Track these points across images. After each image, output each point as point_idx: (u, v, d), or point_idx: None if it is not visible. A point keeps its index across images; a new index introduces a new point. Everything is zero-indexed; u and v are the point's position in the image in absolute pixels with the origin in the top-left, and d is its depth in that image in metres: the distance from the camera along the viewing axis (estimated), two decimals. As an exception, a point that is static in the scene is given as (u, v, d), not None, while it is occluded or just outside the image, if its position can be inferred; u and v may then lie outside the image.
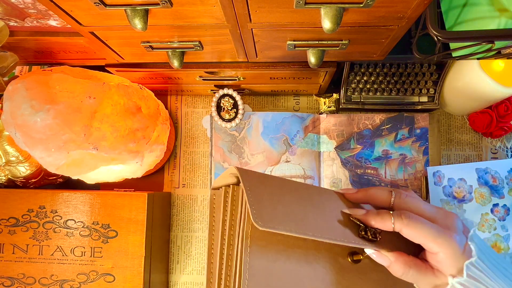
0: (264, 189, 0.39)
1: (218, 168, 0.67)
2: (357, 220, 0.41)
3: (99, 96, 0.50)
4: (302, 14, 0.38)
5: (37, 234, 0.58)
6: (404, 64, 0.61)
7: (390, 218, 0.39)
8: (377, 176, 0.66)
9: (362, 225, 0.41)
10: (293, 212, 0.39)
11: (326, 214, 0.41)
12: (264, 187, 0.39)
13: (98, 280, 0.57)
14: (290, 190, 0.41)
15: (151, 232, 0.59)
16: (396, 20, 0.39)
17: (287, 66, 0.55)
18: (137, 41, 0.46)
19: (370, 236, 0.41)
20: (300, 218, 0.39)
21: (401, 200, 0.41)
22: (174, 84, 0.65)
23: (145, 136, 0.56)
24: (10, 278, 0.58)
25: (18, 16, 0.44)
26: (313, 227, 0.39)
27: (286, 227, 0.37)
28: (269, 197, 0.39)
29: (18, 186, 0.62)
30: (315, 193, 0.43)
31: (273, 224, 0.37)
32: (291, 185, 0.42)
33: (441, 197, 0.63)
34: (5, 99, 0.47)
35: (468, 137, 0.69)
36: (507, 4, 0.46)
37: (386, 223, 0.39)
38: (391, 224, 0.39)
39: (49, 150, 0.47)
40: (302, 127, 0.67)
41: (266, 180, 0.41)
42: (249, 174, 0.40)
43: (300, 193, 0.42)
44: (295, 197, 0.41)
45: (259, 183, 0.39)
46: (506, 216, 0.62)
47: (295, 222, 0.38)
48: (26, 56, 0.55)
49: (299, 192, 0.42)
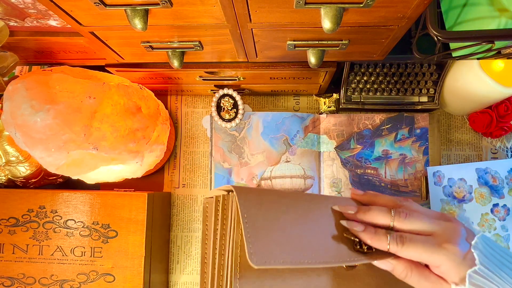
0: (260, 211, 0.40)
1: (218, 168, 0.67)
2: (352, 236, 0.42)
3: (99, 96, 0.50)
4: (302, 14, 0.38)
5: (37, 234, 0.58)
6: (404, 64, 0.61)
7: (386, 240, 0.40)
8: (377, 176, 0.66)
9: (357, 240, 0.42)
10: (288, 239, 0.40)
11: (321, 231, 0.42)
12: (260, 208, 0.40)
13: (98, 280, 0.57)
14: (286, 208, 0.41)
15: (151, 232, 0.59)
16: (396, 20, 0.39)
17: (287, 66, 0.55)
18: (137, 41, 0.46)
19: (365, 249, 0.42)
20: (295, 244, 0.40)
21: (400, 222, 0.41)
22: (174, 84, 0.65)
23: (145, 136, 0.56)
24: (10, 278, 0.58)
25: (18, 16, 0.44)
26: (308, 251, 0.40)
27: (281, 260, 0.38)
28: (264, 222, 0.39)
29: (18, 186, 0.62)
30: (311, 206, 0.43)
31: (268, 260, 0.37)
32: (287, 201, 0.42)
33: (441, 197, 0.63)
34: (5, 99, 0.47)
35: (468, 137, 0.69)
36: (507, 4, 0.46)
37: (382, 244, 0.40)
38: (386, 245, 0.40)
39: (49, 150, 0.47)
40: (302, 127, 0.67)
41: (262, 199, 0.41)
42: (247, 194, 0.40)
43: (296, 210, 0.42)
44: (291, 215, 0.41)
45: (256, 204, 0.40)
46: (506, 216, 0.62)
47: (290, 251, 0.39)
48: (26, 56, 0.55)
49: (295, 209, 0.42)
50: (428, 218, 0.41)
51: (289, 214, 0.41)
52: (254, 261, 0.36)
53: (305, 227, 0.41)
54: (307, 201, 0.44)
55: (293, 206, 0.42)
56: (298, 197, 0.44)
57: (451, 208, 0.63)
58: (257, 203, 0.40)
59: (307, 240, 0.40)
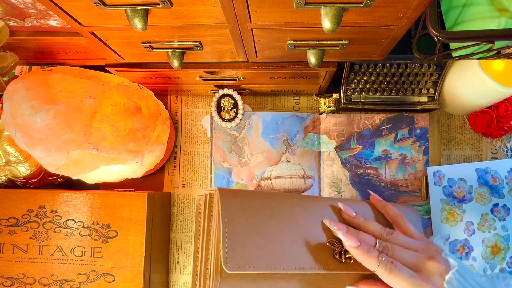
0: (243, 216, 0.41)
1: (218, 168, 0.67)
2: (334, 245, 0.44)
3: (99, 96, 0.50)
4: (302, 14, 0.38)
5: (37, 234, 0.58)
6: (404, 64, 0.61)
7: (377, 263, 0.42)
8: (377, 176, 0.66)
9: (337, 249, 0.43)
10: (269, 244, 0.41)
11: (305, 236, 0.43)
12: (243, 213, 0.41)
13: (98, 280, 0.57)
14: (271, 213, 0.42)
15: (151, 232, 0.59)
16: (396, 20, 0.39)
17: (287, 66, 0.55)
18: (137, 41, 0.46)
19: (343, 259, 0.44)
20: (275, 250, 0.41)
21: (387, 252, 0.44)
22: (174, 84, 0.65)
23: (145, 136, 0.56)
24: (10, 278, 0.58)
25: (18, 16, 0.44)
26: (287, 257, 0.41)
27: (257, 266, 0.39)
28: (246, 227, 0.40)
29: (18, 186, 0.62)
30: (300, 211, 0.44)
31: (243, 265, 0.39)
32: (275, 205, 0.43)
33: (441, 197, 0.63)
34: (5, 99, 0.47)
35: (468, 137, 0.69)
36: (507, 4, 0.46)
37: (371, 265, 0.42)
38: (375, 267, 0.42)
39: (49, 150, 0.47)
40: (302, 127, 0.67)
41: (247, 203, 0.42)
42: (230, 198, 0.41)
43: (282, 215, 0.43)
44: (275, 220, 0.42)
45: (239, 209, 0.41)
46: (506, 216, 0.62)
47: (269, 255, 0.40)
48: (26, 56, 0.55)
49: (281, 213, 0.43)
50: (410, 255, 0.43)
51: (273, 219, 0.42)
52: (228, 266, 0.38)
53: (289, 232, 0.42)
54: (297, 205, 0.45)
55: (279, 210, 0.43)
56: (287, 201, 0.45)
57: (451, 208, 0.63)
58: (241, 207, 0.41)
59: (289, 245, 0.42)
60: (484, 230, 0.62)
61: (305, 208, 0.45)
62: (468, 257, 0.62)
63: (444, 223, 0.63)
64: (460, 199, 0.63)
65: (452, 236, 0.63)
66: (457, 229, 0.63)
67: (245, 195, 0.43)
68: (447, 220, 0.63)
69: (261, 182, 0.66)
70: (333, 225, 0.45)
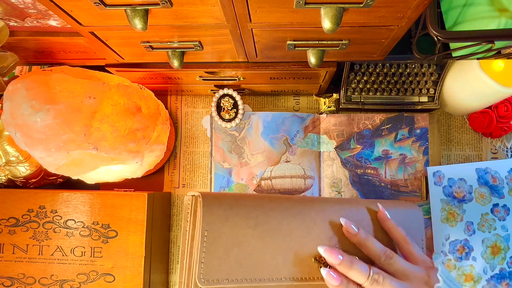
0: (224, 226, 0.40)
1: (218, 168, 0.67)
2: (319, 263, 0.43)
3: (99, 96, 0.50)
4: (302, 14, 0.38)
5: (37, 234, 0.58)
6: (404, 64, 0.61)
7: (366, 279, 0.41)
8: (377, 176, 0.66)
9: (321, 264, 0.42)
10: (249, 255, 0.40)
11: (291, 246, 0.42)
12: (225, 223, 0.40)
13: (98, 280, 0.57)
14: (255, 223, 0.42)
15: (151, 232, 0.59)
16: (396, 20, 0.39)
17: (287, 66, 0.55)
18: (137, 41, 0.46)
19: None
20: (253, 261, 0.40)
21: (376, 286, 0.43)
22: (174, 84, 0.65)
23: (145, 136, 0.56)
24: (10, 278, 0.58)
25: (18, 16, 0.44)
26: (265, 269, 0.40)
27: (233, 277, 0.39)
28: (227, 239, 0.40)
29: (18, 186, 0.62)
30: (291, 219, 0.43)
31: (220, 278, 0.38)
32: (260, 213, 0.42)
33: (441, 197, 0.63)
34: (5, 99, 0.47)
35: (468, 137, 0.69)
36: (507, 4, 0.46)
37: None
38: None
39: (49, 150, 0.47)
40: (302, 127, 0.67)
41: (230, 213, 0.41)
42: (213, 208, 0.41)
43: (267, 224, 0.42)
44: (259, 231, 0.41)
45: (222, 219, 0.40)
46: (506, 216, 0.62)
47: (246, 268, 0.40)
48: (26, 56, 0.55)
49: (267, 221, 0.42)
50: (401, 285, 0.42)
51: (257, 229, 0.41)
52: (202, 282, 0.38)
53: (271, 242, 0.42)
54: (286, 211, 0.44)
55: (266, 218, 0.42)
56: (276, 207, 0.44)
57: (451, 208, 0.63)
58: (224, 217, 0.40)
59: (269, 257, 0.41)
60: (484, 230, 0.62)
61: (294, 215, 0.44)
62: (468, 257, 0.62)
63: (444, 223, 0.63)
64: (460, 199, 0.63)
65: (452, 236, 0.63)
66: (457, 229, 0.63)
67: (231, 202, 0.42)
68: (447, 220, 0.63)
69: (261, 182, 0.66)
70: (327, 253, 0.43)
